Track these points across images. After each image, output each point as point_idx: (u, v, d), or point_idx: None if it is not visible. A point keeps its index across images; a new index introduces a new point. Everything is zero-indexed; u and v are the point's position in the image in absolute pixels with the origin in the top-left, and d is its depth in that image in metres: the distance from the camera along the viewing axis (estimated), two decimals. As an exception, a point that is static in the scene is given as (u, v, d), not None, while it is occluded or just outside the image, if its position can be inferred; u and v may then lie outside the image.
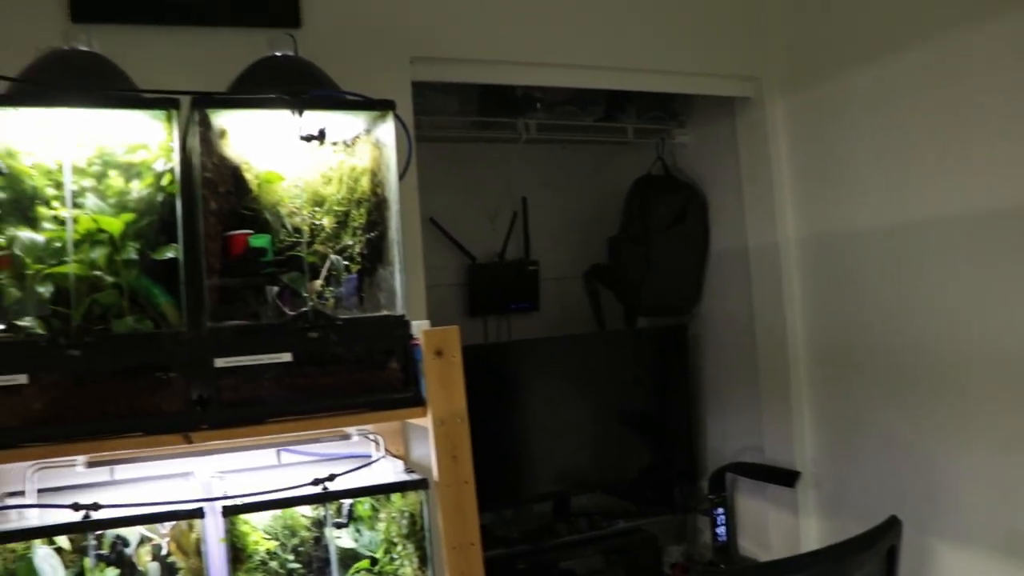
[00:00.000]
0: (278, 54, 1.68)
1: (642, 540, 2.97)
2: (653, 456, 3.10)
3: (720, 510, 2.90)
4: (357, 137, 1.63)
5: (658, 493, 3.12)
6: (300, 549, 1.61)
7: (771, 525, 2.81)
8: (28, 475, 1.59)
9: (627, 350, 3.13)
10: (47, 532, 1.45)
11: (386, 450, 1.82)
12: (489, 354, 2.96)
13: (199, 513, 1.49)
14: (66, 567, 1.48)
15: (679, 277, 3.05)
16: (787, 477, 2.62)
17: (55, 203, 1.44)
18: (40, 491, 1.61)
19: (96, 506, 1.47)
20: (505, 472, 2.86)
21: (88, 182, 1.46)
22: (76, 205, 1.44)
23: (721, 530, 2.91)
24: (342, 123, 1.62)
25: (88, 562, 1.48)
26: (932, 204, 2.23)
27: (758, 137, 2.75)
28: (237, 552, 1.52)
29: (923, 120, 2.24)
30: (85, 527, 1.45)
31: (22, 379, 1.37)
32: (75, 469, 1.64)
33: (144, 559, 1.54)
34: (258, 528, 1.56)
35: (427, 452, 1.62)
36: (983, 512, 2.15)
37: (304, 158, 1.58)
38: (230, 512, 1.50)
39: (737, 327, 2.91)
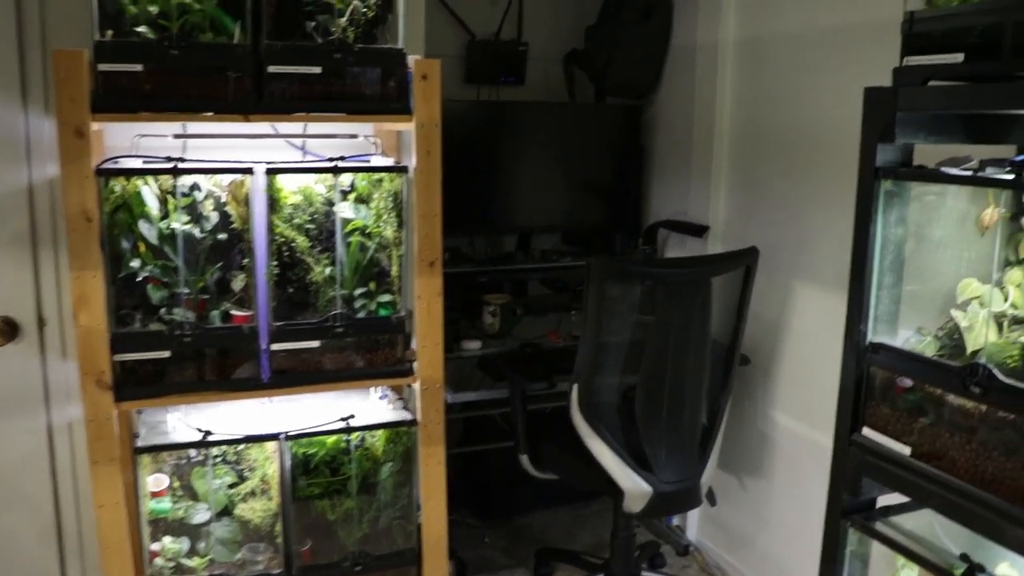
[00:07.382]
0: None
1: (583, 274, 3.64)
2: (604, 211, 3.73)
3: (650, 258, 3.57)
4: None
5: (604, 241, 3.78)
6: (315, 216, 2.28)
7: (687, 270, 3.46)
8: (133, 141, 2.26)
9: (592, 122, 3.70)
10: (149, 172, 2.11)
11: (383, 152, 2.47)
12: (479, 109, 3.58)
13: (249, 171, 2.14)
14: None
15: (641, 66, 3.55)
16: (699, 230, 3.29)
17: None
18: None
19: (181, 159, 2.15)
20: (481, 206, 3.49)
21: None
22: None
23: (649, 272, 3.57)
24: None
25: (172, 202, 2.17)
26: (832, 16, 2.71)
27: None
28: (273, 203, 2.19)
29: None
30: (173, 172, 2.12)
31: (138, 67, 2.02)
32: (165, 141, 2.29)
33: (208, 208, 2.23)
34: (287, 189, 2.23)
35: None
36: (829, 256, 2.76)
37: (338, -69, 2.16)
38: (272, 172, 2.16)
39: (682, 113, 3.44)
